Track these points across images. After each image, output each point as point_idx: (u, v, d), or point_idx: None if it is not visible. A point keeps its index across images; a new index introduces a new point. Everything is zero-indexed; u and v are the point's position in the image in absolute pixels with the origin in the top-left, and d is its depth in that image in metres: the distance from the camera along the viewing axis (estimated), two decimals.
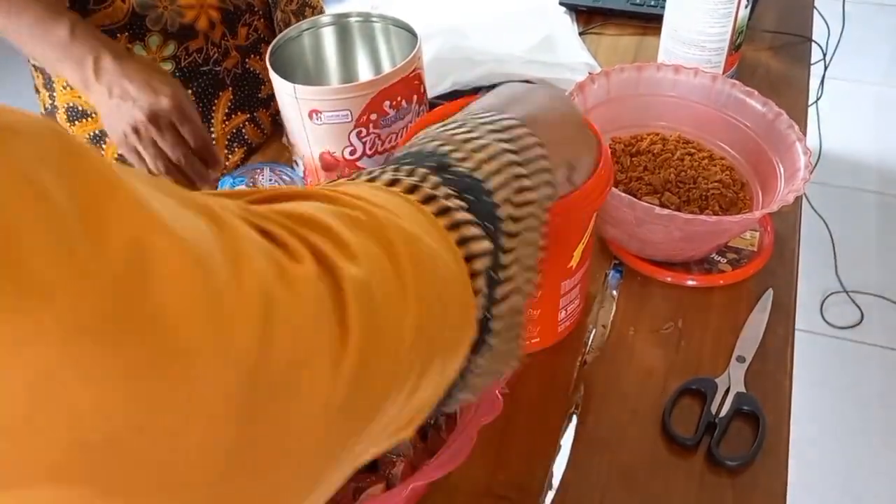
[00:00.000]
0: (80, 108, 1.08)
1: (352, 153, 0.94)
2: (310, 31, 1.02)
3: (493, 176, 0.48)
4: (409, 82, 0.93)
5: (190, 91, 1.10)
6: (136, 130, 0.89)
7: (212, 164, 0.93)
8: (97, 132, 1.09)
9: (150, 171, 0.91)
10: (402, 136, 0.95)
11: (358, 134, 0.92)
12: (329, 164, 0.95)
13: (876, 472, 1.84)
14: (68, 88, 1.06)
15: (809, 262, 2.04)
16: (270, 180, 0.90)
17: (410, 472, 0.64)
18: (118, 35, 1.01)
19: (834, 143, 2.41)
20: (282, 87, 0.91)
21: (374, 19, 1.02)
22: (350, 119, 0.91)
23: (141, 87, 0.88)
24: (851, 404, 1.98)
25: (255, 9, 1.11)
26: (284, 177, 0.91)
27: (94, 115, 1.08)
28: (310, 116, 0.91)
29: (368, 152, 0.94)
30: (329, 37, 1.04)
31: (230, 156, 1.15)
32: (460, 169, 0.47)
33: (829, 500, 1.80)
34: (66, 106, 1.08)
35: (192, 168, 0.92)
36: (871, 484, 1.82)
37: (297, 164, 1.00)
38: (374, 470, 0.65)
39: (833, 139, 2.29)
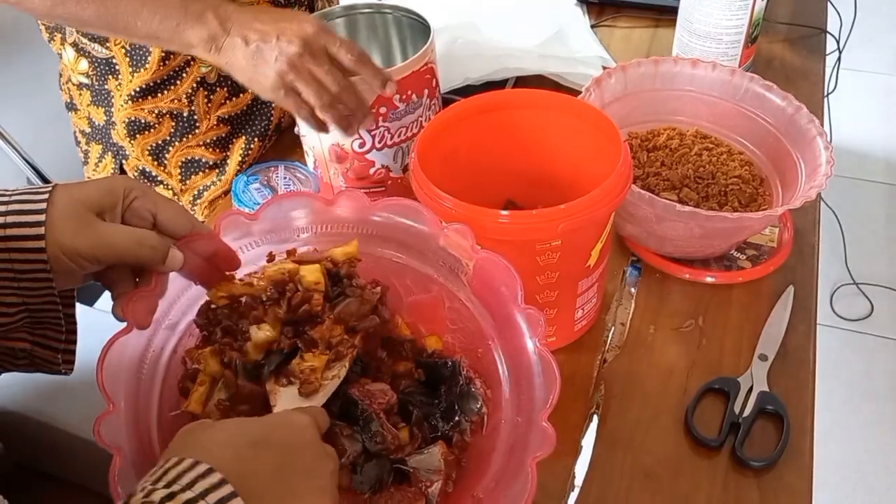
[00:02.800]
0: (142, 121, 1.05)
1: (361, 146, 0.93)
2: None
3: None
4: (421, 76, 0.92)
5: (250, 91, 1.08)
6: (292, 66, 0.80)
7: (375, 77, 0.84)
8: (161, 141, 1.07)
9: (310, 114, 0.83)
10: (412, 130, 0.94)
11: (367, 127, 0.91)
12: (339, 157, 0.94)
13: (887, 464, 1.83)
14: (128, 103, 1.03)
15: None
16: (285, 178, 0.89)
17: (445, 485, 0.62)
18: None
19: (843, 134, 2.39)
20: None
21: (386, 10, 1.01)
22: None
23: (278, 23, 0.81)
24: (861, 396, 1.97)
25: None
26: (299, 174, 0.89)
27: (155, 128, 1.06)
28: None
29: (378, 145, 0.93)
30: (340, 28, 1.03)
31: None
32: None
33: (840, 491, 1.79)
34: (126, 120, 1.05)
35: (353, 95, 0.83)
36: (883, 475, 1.82)
37: (308, 155, 1.00)
38: (407, 482, 0.63)
39: (842, 129, 2.27)
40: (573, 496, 0.72)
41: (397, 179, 0.97)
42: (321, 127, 0.85)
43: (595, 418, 0.78)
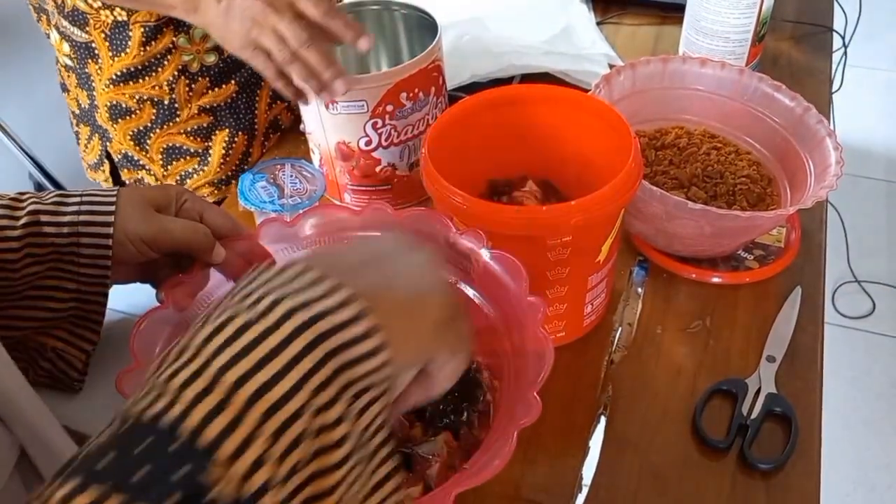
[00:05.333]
0: (123, 106, 1.06)
1: (367, 144, 0.92)
2: None
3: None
4: (428, 74, 0.91)
5: (233, 82, 1.09)
6: (255, 22, 0.80)
7: (345, 32, 0.82)
8: (143, 127, 1.08)
9: (278, 75, 0.83)
10: (419, 128, 0.94)
11: (374, 125, 0.91)
12: (345, 155, 0.94)
13: (888, 463, 1.84)
14: (110, 87, 1.04)
15: None
16: (291, 176, 0.88)
17: (445, 472, 0.63)
18: (164, 29, 1.00)
19: (846, 130, 2.38)
20: None
21: (394, 7, 1.01)
22: (366, 110, 0.89)
23: None
24: (863, 394, 1.97)
25: None
26: (305, 172, 0.89)
27: (136, 113, 1.06)
28: (326, 106, 0.90)
29: (384, 143, 0.93)
30: None
31: (266, 142, 1.15)
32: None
33: (841, 489, 1.79)
34: (108, 104, 1.06)
35: (314, 50, 0.81)
36: (884, 473, 1.82)
37: (313, 152, 0.99)
38: (407, 469, 0.64)
39: (844, 126, 2.27)
40: (581, 497, 0.72)
41: (403, 177, 0.97)
42: (297, 94, 0.84)
43: (603, 419, 0.77)
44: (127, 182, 1.16)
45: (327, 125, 0.93)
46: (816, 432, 0.76)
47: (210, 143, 1.10)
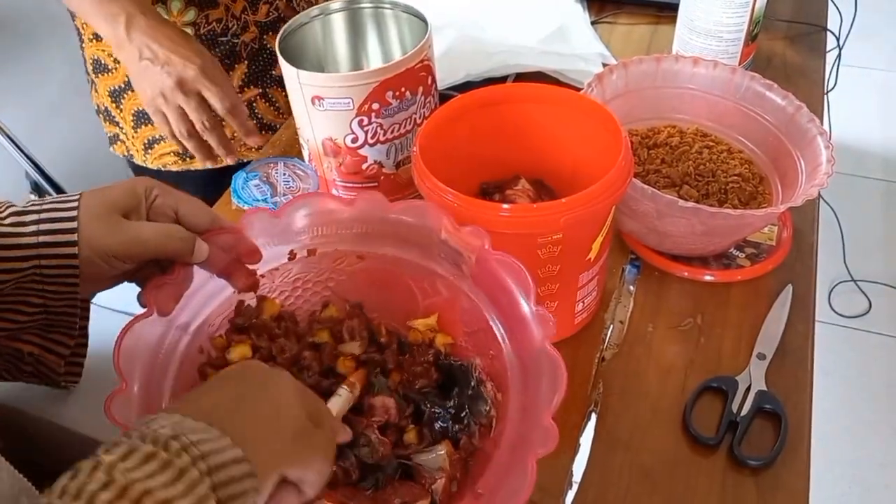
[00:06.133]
0: (102, 62, 1.10)
1: (353, 141, 0.93)
2: (320, 17, 1.00)
3: None
4: (415, 73, 0.91)
5: None
6: (163, 95, 0.89)
7: (240, 129, 0.93)
8: (119, 86, 1.11)
9: (171, 136, 0.93)
10: (405, 127, 0.94)
11: (359, 122, 0.91)
12: (332, 151, 0.94)
13: (885, 462, 1.84)
14: (94, 41, 1.09)
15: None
16: (284, 174, 0.89)
17: (448, 484, 0.62)
18: None
19: (841, 130, 2.38)
20: (287, 72, 0.91)
21: (385, 6, 1.01)
22: (352, 107, 0.89)
23: (170, 53, 0.88)
24: (859, 394, 1.98)
25: None
26: (298, 171, 0.89)
27: (115, 70, 1.10)
28: (312, 102, 0.90)
29: (370, 141, 0.93)
30: (339, 23, 1.03)
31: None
32: None
33: (837, 490, 1.80)
34: (91, 58, 1.12)
35: (215, 134, 0.92)
36: (879, 473, 1.82)
37: (303, 147, 1.00)
38: (407, 478, 0.64)
39: (840, 126, 2.27)
40: (571, 494, 0.72)
41: (390, 175, 0.97)
42: (184, 149, 0.96)
43: (593, 416, 0.78)
44: (108, 135, 1.19)
45: (314, 121, 0.93)
46: (806, 429, 0.76)
47: None
